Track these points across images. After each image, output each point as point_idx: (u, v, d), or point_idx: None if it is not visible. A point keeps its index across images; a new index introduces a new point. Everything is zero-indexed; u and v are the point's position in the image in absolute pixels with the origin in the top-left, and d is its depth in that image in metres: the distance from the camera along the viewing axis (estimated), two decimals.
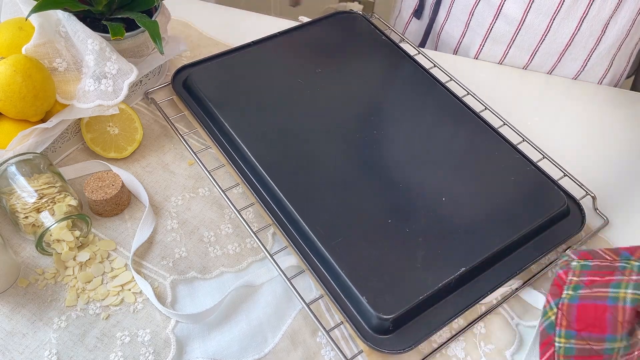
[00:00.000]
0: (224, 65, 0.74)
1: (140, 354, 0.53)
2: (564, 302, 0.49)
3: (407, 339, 0.52)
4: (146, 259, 0.59)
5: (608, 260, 0.50)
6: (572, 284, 0.50)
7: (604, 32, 0.79)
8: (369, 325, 0.52)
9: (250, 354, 0.54)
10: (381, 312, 0.51)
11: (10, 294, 0.56)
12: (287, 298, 0.57)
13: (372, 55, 0.78)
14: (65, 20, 0.64)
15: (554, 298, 0.50)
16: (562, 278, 0.51)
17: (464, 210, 0.60)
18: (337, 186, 0.62)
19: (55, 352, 0.53)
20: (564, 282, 0.50)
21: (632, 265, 0.48)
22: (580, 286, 0.49)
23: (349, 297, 0.54)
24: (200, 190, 0.66)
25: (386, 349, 0.51)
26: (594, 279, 0.49)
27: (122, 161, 0.68)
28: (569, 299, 0.49)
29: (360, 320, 0.53)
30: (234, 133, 0.65)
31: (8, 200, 0.57)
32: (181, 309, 0.56)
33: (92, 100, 0.64)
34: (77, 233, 0.58)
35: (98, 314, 0.55)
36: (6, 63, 0.59)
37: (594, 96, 0.81)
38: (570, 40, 0.80)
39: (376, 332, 0.52)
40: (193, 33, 0.85)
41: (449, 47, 0.90)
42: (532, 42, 0.81)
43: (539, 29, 0.80)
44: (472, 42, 0.85)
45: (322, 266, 0.56)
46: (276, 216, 0.60)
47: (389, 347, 0.51)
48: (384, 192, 0.62)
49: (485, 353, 0.55)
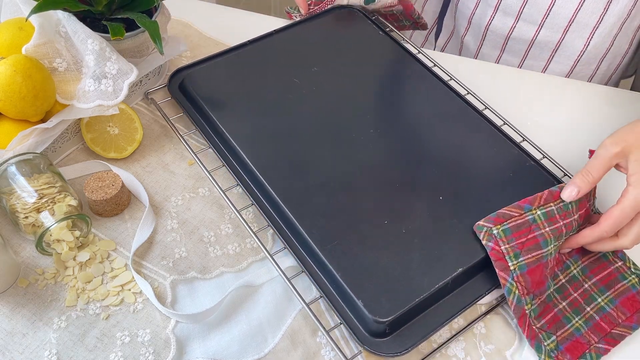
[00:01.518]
0: (220, 66, 0.74)
1: (140, 354, 0.53)
2: (517, 274, 0.54)
3: (404, 341, 0.52)
4: (146, 259, 0.60)
5: (517, 217, 0.56)
6: (510, 252, 0.54)
7: (606, 10, 0.82)
8: (365, 328, 0.52)
9: (250, 354, 0.54)
10: (377, 316, 0.51)
11: (10, 294, 0.56)
12: (287, 298, 0.57)
13: (369, 52, 0.77)
14: (65, 20, 0.64)
15: (506, 273, 0.54)
16: (497, 250, 0.55)
17: (461, 210, 0.60)
18: (334, 188, 0.61)
19: (55, 352, 0.53)
20: (502, 253, 0.55)
21: (538, 215, 0.56)
22: (519, 253, 0.54)
23: (346, 300, 0.54)
24: (200, 190, 0.66)
25: (383, 352, 0.51)
26: (520, 240, 0.55)
27: (122, 161, 0.68)
28: (519, 269, 0.54)
29: (357, 323, 0.53)
30: (229, 136, 0.65)
31: (8, 200, 0.57)
32: (181, 309, 0.56)
33: (92, 100, 0.64)
34: (77, 233, 0.58)
35: (98, 314, 0.55)
36: (6, 63, 0.59)
37: (593, 95, 0.81)
38: (574, 16, 0.82)
39: (373, 335, 0.52)
40: (193, 33, 0.85)
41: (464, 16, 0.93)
42: (538, 16, 0.84)
43: (544, 3, 0.83)
44: (484, 13, 0.89)
45: (319, 269, 0.56)
46: (273, 219, 0.60)
47: (386, 349, 0.51)
48: (381, 193, 0.61)
49: (485, 353, 0.55)
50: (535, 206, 0.56)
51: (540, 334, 0.54)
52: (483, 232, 0.56)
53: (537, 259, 0.55)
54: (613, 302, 0.57)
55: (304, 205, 0.59)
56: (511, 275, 0.54)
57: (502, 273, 0.54)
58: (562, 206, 0.57)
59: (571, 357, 0.53)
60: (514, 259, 0.54)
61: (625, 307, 0.56)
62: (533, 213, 0.56)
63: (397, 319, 0.52)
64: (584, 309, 0.57)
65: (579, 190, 0.56)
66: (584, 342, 0.54)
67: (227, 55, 0.75)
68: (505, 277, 0.54)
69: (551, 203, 0.57)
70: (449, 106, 0.71)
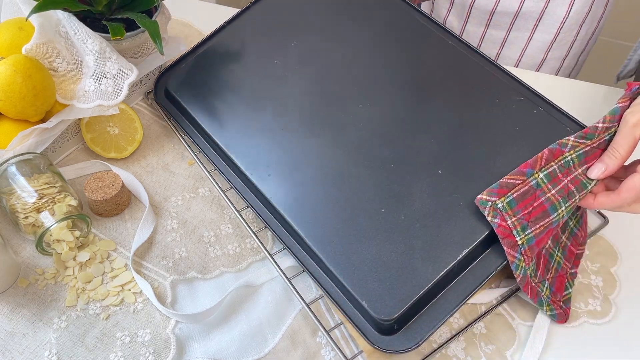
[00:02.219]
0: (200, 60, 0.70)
1: (140, 354, 0.53)
2: (524, 248, 0.51)
3: (414, 334, 0.51)
4: (146, 259, 0.60)
5: (521, 184, 0.52)
6: (518, 226, 0.51)
7: None
8: (374, 327, 0.51)
9: (250, 354, 0.54)
10: (382, 315, 0.50)
11: (10, 294, 0.56)
12: (287, 298, 0.57)
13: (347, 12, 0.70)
14: (65, 20, 0.64)
15: (514, 250, 0.51)
16: (504, 226, 0.51)
17: (462, 182, 0.56)
18: (328, 181, 0.58)
19: (55, 352, 0.53)
20: (509, 229, 0.51)
21: (541, 179, 0.52)
22: (526, 225, 0.51)
23: (351, 300, 0.53)
24: (200, 190, 0.66)
25: (394, 349, 0.50)
26: (527, 210, 0.51)
27: (122, 161, 0.68)
28: (527, 243, 0.51)
29: (366, 321, 0.52)
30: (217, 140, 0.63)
31: (8, 200, 0.57)
32: (181, 309, 0.56)
33: (92, 100, 0.64)
34: (77, 233, 0.58)
35: (98, 314, 0.55)
36: (6, 63, 0.59)
37: (594, 95, 0.81)
38: None
39: (382, 332, 0.51)
40: (193, 33, 0.85)
41: None
42: None
43: None
44: None
45: (322, 269, 0.55)
46: (271, 221, 0.59)
47: (397, 346, 0.50)
48: (377, 178, 0.58)
49: (485, 353, 0.55)
50: (537, 169, 0.52)
51: (538, 287, 0.53)
52: (488, 208, 0.51)
53: (545, 228, 0.52)
54: (579, 223, 0.55)
55: (300, 206, 0.57)
56: (519, 250, 0.51)
57: (511, 250, 0.51)
58: (563, 163, 0.54)
59: (560, 294, 0.52)
60: (521, 233, 0.51)
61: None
62: (536, 177, 0.52)
63: (404, 314, 0.50)
64: (560, 238, 0.55)
65: (606, 168, 0.53)
66: (563, 273, 0.53)
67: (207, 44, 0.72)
68: (513, 254, 0.51)
69: (552, 162, 0.53)
70: (438, 58, 0.64)
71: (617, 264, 0.62)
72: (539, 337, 0.55)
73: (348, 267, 0.53)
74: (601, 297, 0.59)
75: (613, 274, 0.61)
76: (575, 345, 0.56)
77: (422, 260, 0.52)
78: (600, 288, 0.60)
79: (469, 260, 0.53)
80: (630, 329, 0.57)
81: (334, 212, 0.57)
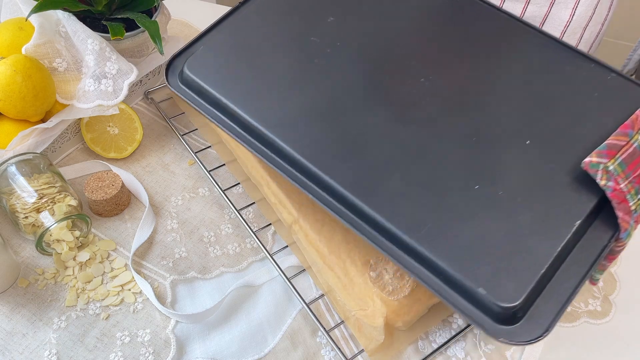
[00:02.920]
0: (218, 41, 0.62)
1: (140, 354, 0.53)
2: (637, 214, 0.48)
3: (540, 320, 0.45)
4: (146, 259, 0.60)
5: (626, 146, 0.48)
6: (632, 190, 0.47)
7: None
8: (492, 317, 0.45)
9: (250, 354, 0.54)
10: (505, 301, 0.44)
11: (10, 294, 0.56)
12: (287, 298, 0.57)
13: None
14: (65, 20, 0.64)
15: (628, 215, 0.47)
16: (618, 190, 0.47)
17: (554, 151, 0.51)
18: (404, 161, 0.52)
19: (55, 352, 0.53)
20: (623, 193, 0.47)
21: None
22: (638, 188, 0.47)
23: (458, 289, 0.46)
24: (200, 190, 0.66)
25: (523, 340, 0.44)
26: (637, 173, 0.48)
27: (122, 161, 0.68)
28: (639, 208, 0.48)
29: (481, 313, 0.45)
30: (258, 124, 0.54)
31: (8, 200, 0.57)
32: (181, 309, 0.56)
33: (92, 100, 0.64)
34: (77, 233, 0.58)
35: (98, 314, 0.55)
36: (6, 63, 0.59)
37: None
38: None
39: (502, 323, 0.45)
40: (193, 33, 0.85)
41: None
42: None
43: None
44: None
45: (414, 260, 0.48)
46: (340, 212, 0.50)
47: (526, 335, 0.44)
48: (459, 154, 0.52)
49: (485, 353, 0.55)
50: (635, 130, 0.49)
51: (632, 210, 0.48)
52: (600, 171, 0.47)
53: None
54: None
55: (375, 190, 0.50)
56: (632, 217, 0.47)
57: (626, 217, 0.46)
58: None
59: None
60: (635, 197, 0.47)
61: None
62: (636, 139, 0.48)
63: (527, 298, 0.45)
64: None
65: None
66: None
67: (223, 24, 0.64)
68: (627, 220, 0.47)
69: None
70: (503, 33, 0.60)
71: (617, 264, 0.62)
72: None
73: (450, 253, 0.47)
74: (601, 297, 0.59)
75: (613, 274, 0.61)
76: (575, 345, 0.56)
77: (535, 237, 0.47)
78: (600, 288, 0.60)
79: (579, 233, 0.48)
80: (630, 329, 0.57)
81: (419, 194, 0.50)
